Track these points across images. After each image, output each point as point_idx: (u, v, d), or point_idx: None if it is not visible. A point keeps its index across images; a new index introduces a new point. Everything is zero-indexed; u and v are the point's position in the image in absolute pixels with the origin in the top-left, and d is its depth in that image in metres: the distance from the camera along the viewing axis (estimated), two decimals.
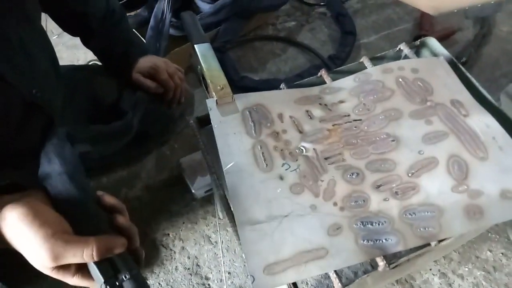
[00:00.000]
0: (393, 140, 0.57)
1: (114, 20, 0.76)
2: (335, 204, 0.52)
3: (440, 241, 0.51)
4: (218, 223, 0.98)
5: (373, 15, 1.40)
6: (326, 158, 0.56)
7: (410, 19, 1.37)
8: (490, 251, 0.94)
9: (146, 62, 0.81)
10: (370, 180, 0.54)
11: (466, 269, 0.92)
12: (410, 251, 0.51)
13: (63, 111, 0.69)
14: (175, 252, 0.95)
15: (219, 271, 0.92)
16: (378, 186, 0.54)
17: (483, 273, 0.91)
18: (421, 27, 1.29)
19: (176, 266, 0.94)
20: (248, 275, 0.90)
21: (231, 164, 0.55)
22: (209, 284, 0.91)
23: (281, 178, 0.54)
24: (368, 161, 0.56)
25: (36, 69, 0.55)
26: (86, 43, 0.79)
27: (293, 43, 1.31)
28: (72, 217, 0.40)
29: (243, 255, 0.50)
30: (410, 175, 0.54)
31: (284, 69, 1.26)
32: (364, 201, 0.52)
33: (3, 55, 0.49)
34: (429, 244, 0.51)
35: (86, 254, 0.37)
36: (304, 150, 0.57)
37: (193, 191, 0.97)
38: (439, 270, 0.92)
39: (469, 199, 0.52)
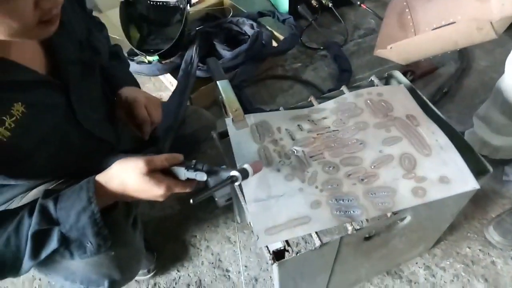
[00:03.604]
0: (360, 144, 0.78)
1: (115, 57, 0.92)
2: (316, 187, 0.72)
3: (395, 213, 0.70)
4: (237, 226, 1.18)
5: (367, 56, 1.65)
6: (311, 157, 0.77)
7: None
8: (469, 248, 1.10)
9: (126, 92, 0.84)
10: (343, 171, 0.75)
11: (448, 262, 1.08)
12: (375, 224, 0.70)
13: (118, 141, 0.91)
14: (201, 250, 1.16)
15: (237, 265, 1.12)
16: (349, 175, 0.74)
17: (463, 266, 1.07)
18: (407, 64, 1.51)
19: (202, 261, 1.13)
20: (260, 267, 1.09)
21: (243, 162, 0.76)
22: (229, 276, 1.10)
23: (278, 170, 0.75)
24: (342, 158, 0.77)
25: (97, 119, 0.77)
26: None
27: (298, 81, 1.56)
28: None
29: (251, 223, 0.70)
30: (372, 167, 0.75)
31: (291, 101, 1.50)
32: (337, 185, 0.73)
33: (86, 114, 0.72)
34: (386, 215, 0.70)
35: (166, 158, 0.61)
36: (295, 152, 0.78)
37: (216, 199, 1.18)
38: (424, 264, 1.08)
39: (416, 183, 0.72)
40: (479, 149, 1.19)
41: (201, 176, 0.62)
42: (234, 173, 0.61)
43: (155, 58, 1.42)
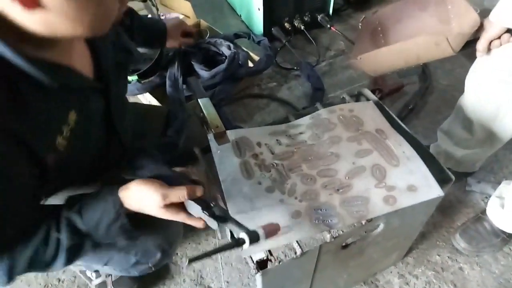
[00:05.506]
0: (335, 156, 0.83)
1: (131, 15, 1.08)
2: (296, 198, 0.77)
3: (369, 220, 0.74)
4: (218, 243, 1.20)
5: (338, 75, 1.74)
6: (290, 169, 0.82)
7: (367, 77, 1.70)
8: (439, 255, 1.16)
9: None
10: (320, 183, 0.79)
11: (420, 270, 1.13)
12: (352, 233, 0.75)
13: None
14: (182, 268, 1.16)
15: (219, 281, 1.13)
16: (325, 186, 0.79)
17: (434, 273, 1.13)
18: (375, 83, 1.61)
19: (184, 279, 1.14)
20: (243, 280, 1.10)
21: (225, 176, 0.80)
22: None
23: (259, 183, 0.79)
24: (319, 170, 0.81)
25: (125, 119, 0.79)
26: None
27: (274, 99, 1.63)
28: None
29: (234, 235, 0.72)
30: (346, 178, 0.80)
31: (268, 119, 1.55)
32: (315, 195, 0.77)
33: (119, 116, 0.73)
34: (361, 223, 0.74)
35: (181, 194, 0.60)
36: (275, 165, 0.82)
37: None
38: (398, 272, 1.13)
39: (386, 192, 0.77)
40: (444, 162, 1.27)
41: (213, 224, 0.63)
42: (242, 235, 0.57)
43: (134, 78, 1.44)
